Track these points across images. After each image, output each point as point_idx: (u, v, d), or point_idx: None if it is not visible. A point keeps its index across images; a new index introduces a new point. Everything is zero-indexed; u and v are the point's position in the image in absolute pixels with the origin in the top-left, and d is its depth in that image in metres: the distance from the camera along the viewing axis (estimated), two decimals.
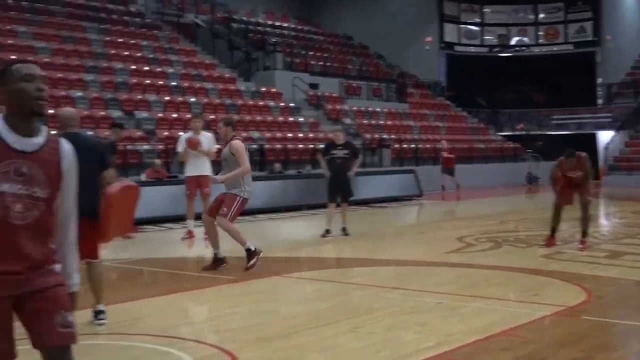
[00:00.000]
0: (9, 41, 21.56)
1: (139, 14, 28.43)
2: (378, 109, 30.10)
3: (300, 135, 24.29)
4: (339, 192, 12.97)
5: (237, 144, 9.22)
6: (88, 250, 6.34)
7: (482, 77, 37.27)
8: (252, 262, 9.16)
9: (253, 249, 9.23)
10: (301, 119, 25.44)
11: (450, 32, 39.38)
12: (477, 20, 40.42)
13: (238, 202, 9.17)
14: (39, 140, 3.11)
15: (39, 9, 24.42)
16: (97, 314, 6.45)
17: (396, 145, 26.37)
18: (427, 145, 28.25)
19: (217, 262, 9.47)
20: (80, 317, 6.61)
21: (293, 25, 35.99)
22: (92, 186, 6.22)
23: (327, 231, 12.69)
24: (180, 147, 12.71)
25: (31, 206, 3.05)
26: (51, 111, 18.93)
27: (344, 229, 12.97)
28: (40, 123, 3.17)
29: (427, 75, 36.92)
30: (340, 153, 12.89)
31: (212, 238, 9.51)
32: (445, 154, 23.35)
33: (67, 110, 6.64)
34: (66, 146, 3.24)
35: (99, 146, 6.49)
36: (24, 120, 3.10)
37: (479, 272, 9.11)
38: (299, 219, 16.88)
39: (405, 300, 7.35)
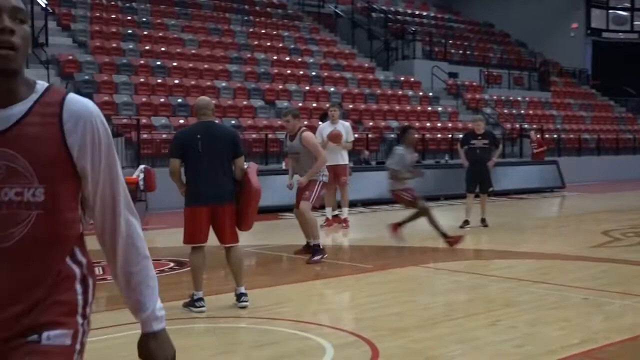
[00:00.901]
0: (160, 34, 22.50)
1: (281, 5, 28.93)
2: (519, 98, 29.36)
3: (439, 124, 24.05)
4: (478, 182, 12.74)
5: (308, 135, 9.13)
6: (229, 235, 6.55)
7: (631, 64, 35.58)
8: (316, 257, 9.12)
9: (322, 247, 9.27)
10: (440, 109, 25.18)
11: (598, 18, 37.80)
12: (627, 4, 38.59)
13: (318, 186, 9.30)
14: (17, 108, 1.92)
15: (187, 3, 25.30)
16: (239, 296, 6.64)
17: (538, 136, 25.61)
18: (571, 136, 27.32)
19: (312, 250, 9.39)
20: (224, 300, 6.85)
21: (432, 14, 35.61)
22: (229, 171, 6.47)
23: (466, 222, 12.52)
24: (319, 138, 12.87)
25: (15, 218, 1.87)
26: (214, 102, 19.64)
27: (483, 220, 12.77)
28: (18, 82, 1.96)
29: (572, 63, 35.64)
30: (479, 143, 12.66)
31: (309, 227, 9.43)
32: (535, 148, 22.28)
33: (201, 99, 6.83)
34: (76, 105, 2.02)
35: (232, 134, 6.69)
36: None
37: (627, 268, 8.73)
38: (437, 209, 16.68)
39: (547, 294, 7.15)
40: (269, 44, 24.72)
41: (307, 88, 22.66)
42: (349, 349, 5.26)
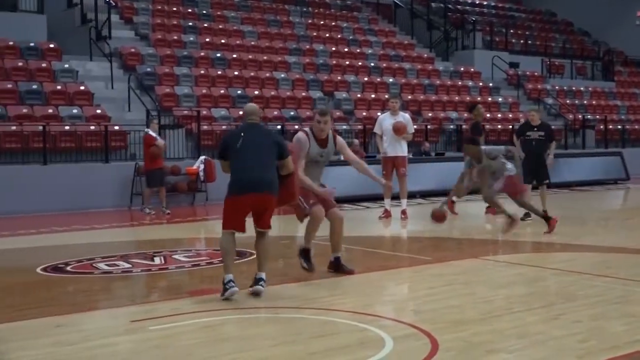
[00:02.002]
0: (220, 26, 22.70)
1: None
2: (582, 88, 28.80)
3: (499, 115, 23.77)
4: (534, 174, 12.47)
5: (341, 139, 8.12)
6: (264, 222, 6.80)
7: None
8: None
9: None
10: (500, 99, 24.87)
11: None
12: None
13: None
14: None
15: None
16: (258, 280, 6.73)
17: (601, 126, 25.14)
18: (636, 126, 26.71)
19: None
20: (285, 290, 6.90)
21: (493, 3, 35.14)
22: (270, 166, 6.67)
23: (527, 214, 12.33)
24: (377, 129, 12.88)
25: None
26: (256, 92, 19.80)
27: (543, 212, 12.54)
28: None
29: (637, 52, 34.76)
30: (535, 135, 12.37)
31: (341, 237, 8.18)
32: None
33: (250, 105, 7.06)
34: None
35: (275, 135, 6.91)
36: None
37: None
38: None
39: (611, 288, 7.02)
40: (327, 35, 24.73)
41: (366, 79, 22.62)
42: (409, 341, 5.26)
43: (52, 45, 18.55)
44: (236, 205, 6.63)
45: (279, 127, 17.98)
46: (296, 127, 18.63)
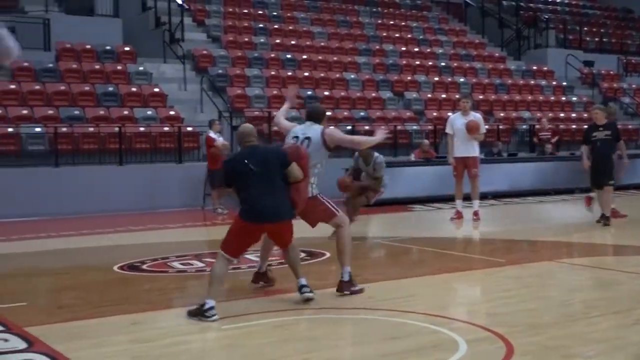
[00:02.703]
0: (290, 27, 22.83)
1: None
2: None
3: (573, 115, 23.29)
4: (599, 175, 12.03)
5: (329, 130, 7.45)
6: (287, 242, 6.66)
7: None
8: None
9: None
10: (574, 99, 24.36)
11: None
12: None
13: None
14: None
15: None
16: (301, 288, 6.64)
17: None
18: None
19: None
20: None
21: (567, 0, 34.43)
22: (282, 190, 6.47)
23: (603, 216, 11.99)
24: (449, 129, 12.76)
25: None
26: (326, 93, 19.85)
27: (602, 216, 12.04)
28: None
29: None
30: (601, 135, 11.91)
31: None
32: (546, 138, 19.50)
33: (244, 126, 6.81)
34: None
35: (275, 150, 6.64)
36: None
37: None
38: (571, 202, 16.21)
39: None
40: (397, 35, 24.62)
41: (436, 79, 22.44)
42: (483, 345, 5.19)
43: (127, 48, 18.95)
44: (248, 231, 6.39)
45: (348, 127, 17.98)
46: (366, 127, 18.64)
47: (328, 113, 8.23)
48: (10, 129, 14.96)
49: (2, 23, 3.10)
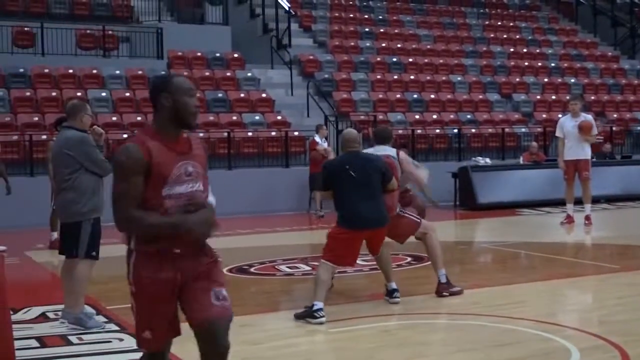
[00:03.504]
0: (395, 30, 22.80)
1: None
2: None
3: None
4: None
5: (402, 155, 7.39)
6: (376, 249, 6.64)
7: None
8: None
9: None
10: None
11: None
12: None
13: None
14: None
15: None
16: (392, 292, 6.68)
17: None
18: None
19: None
20: (462, 296, 6.82)
21: None
22: (381, 197, 6.46)
23: None
24: (559, 132, 12.43)
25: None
26: (432, 96, 19.71)
27: None
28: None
29: None
30: None
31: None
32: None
33: (348, 131, 6.93)
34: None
35: (379, 161, 6.56)
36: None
37: None
38: None
39: None
40: (505, 36, 24.19)
41: (546, 80, 21.92)
42: (597, 353, 5.05)
43: (236, 55, 19.37)
44: (351, 240, 6.39)
45: (455, 130, 17.79)
46: (472, 130, 18.39)
47: (434, 117, 8.15)
48: (125, 135, 15.53)
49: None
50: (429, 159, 16.89)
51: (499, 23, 24.94)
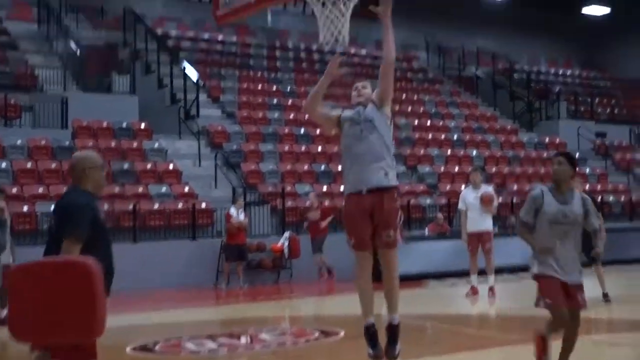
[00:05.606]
0: (303, 102, 23.06)
1: (421, 70, 29.13)
2: None
3: (587, 186, 23.22)
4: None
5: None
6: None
7: None
8: None
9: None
10: (588, 170, 24.36)
11: None
12: None
13: None
14: None
15: None
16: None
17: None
18: None
19: None
20: None
21: (577, 72, 34.79)
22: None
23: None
24: (462, 205, 12.72)
25: None
26: (340, 167, 19.91)
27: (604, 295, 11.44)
28: None
29: None
30: None
31: None
32: (311, 217, 16.53)
33: None
34: None
35: None
36: None
37: None
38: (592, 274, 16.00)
39: None
40: (409, 109, 24.87)
41: (449, 152, 22.56)
42: None
43: (143, 125, 19.23)
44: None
45: None
46: None
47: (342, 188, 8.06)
48: (25, 208, 15.09)
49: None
50: (337, 230, 17.00)
51: (404, 96, 25.63)
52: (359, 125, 6.20)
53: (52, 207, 4.86)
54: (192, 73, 21.01)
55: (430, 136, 23.19)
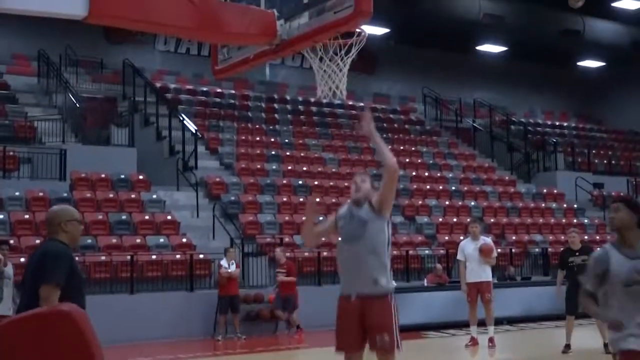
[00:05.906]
0: (301, 154, 23.20)
1: (418, 121, 29.31)
2: None
3: (586, 237, 23.19)
4: (575, 302, 11.35)
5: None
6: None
7: None
8: None
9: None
10: (586, 221, 24.36)
11: None
12: None
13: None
14: None
15: (328, 123, 26.06)
16: None
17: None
18: None
19: None
20: None
21: (573, 124, 35.02)
22: None
23: (567, 346, 11.60)
24: (461, 255, 12.71)
25: None
26: None
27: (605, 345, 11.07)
28: None
29: None
30: (577, 260, 11.37)
31: None
32: (281, 276, 15.61)
33: None
34: None
35: None
36: None
37: None
38: (585, 326, 15.91)
39: None
40: (407, 160, 24.94)
41: (447, 203, 22.57)
42: None
43: (141, 177, 19.26)
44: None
45: None
46: None
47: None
48: (22, 259, 15.02)
49: None
50: (335, 282, 16.89)
51: (402, 147, 25.73)
52: (350, 225, 6.07)
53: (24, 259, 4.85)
54: (190, 125, 21.12)
55: (428, 187, 23.22)
